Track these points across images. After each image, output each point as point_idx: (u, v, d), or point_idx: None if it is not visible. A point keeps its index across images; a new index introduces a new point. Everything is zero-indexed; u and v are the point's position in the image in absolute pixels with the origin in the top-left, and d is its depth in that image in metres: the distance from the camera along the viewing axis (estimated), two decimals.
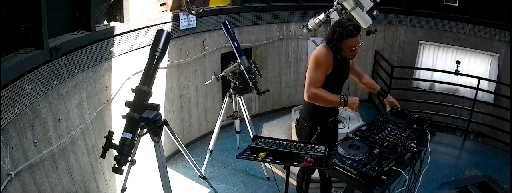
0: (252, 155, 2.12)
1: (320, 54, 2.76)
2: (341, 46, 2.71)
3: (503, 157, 5.01)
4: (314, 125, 3.01)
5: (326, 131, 3.05)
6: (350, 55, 2.79)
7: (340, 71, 2.88)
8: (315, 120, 3.00)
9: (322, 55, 2.75)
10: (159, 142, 2.79)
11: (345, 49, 2.72)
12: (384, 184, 2.21)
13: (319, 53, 2.77)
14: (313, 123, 3.01)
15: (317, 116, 2.98)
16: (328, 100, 2.80)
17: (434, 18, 5.82)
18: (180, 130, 4.97)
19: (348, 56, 2.80)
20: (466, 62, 5.70)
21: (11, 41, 2.38)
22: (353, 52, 2.76)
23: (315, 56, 2.78)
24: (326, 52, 2.76)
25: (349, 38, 2.66)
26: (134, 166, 2.88)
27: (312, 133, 3.02)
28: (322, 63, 2.75)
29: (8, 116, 2.16)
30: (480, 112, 5.37)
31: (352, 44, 2.69)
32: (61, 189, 2.71)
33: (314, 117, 3.00)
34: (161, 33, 2.78)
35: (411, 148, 2.52)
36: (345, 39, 2.67)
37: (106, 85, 3.51)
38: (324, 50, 2.78)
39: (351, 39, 2.67)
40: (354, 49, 2.73)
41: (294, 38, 6.05)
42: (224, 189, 4.33)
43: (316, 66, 2.77)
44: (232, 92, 4.23)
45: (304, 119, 3.08)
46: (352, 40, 2.68)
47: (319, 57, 2.76)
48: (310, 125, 3.03)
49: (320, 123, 3.00)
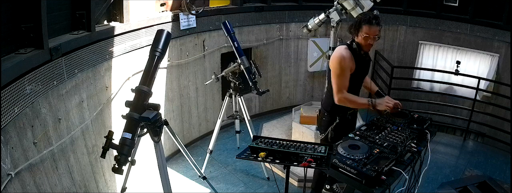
0: (252, 155, 2.12)
1: (343, 57, 2.90)
2: (357, 32, 2.87)
3: (503, 157, 5.01)
4: (334, 116, 3.18)
5: (344, 122, 3.21)
6: (365, 44, 2.91)
7: (362, 67, 3.05)
8: (335, 112, 3.16)
9: (344, 58, 2.90)
10: (159, 142, 2.79)
11: (360, 36, 2.87)
12: (384, 184, 2.21)
13: (341, 56, 2.90)
14: (332, 114, 3.19)
15: (337, 108, 3.12)
16: (358, 103, 3.01)
17: (434, 18, 5.82)
18: (180, 130, 4.97)
19: (364, 44, 2.92)
20: (466, 62, 5.70)
21: (11, 41, 2.38)
22: (366, 40, 2.88)
23: (338, 60, 2.91)
24: (347, 53, 2.91)
25: (366, 24, 2.82)
26: (134, 166, 2.88)
27: (331, 123, 3.20)
28: (346, 66, 2.91)
29: (8, 116, 2.16)
30: (480, 112, 5.37)
31: (367, 31, 2.84)
32: (61, 189, 2.71)
33: (334, 109, 3.15)
34: (161, 33, 2.78)
35: (411, 148, 2.52)
36: (363, 24, 2.83)
37: (106, 85, 3.51)
38: (344, 51, 2.92)
39: (368, 25, 2.82)
40: (368, 36, 2.85)
41: (294, 38, 6.05)
42: (224, 189, 4.33)
43: (342, 70, 2.91)
44: (232, 92, 4.23)
45: (325, 109, 3.25)
46: (368, 27, 2.83)
47: (342, 61, 2.90)
48: (330, 115, 3.21)
49: (339, 114, 3.16)
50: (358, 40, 2.92)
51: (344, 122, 3.21)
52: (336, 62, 2.91)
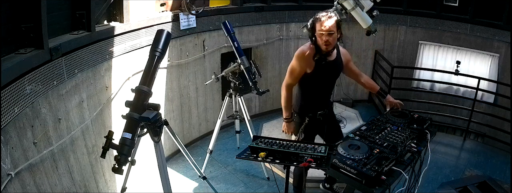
0: (252, 155, 2.12)
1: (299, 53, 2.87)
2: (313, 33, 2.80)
3: (503, 157, 5.00)
4: (303, 116, 3.08)
5: (315, 123, 3.09)
6: (323, 43, 2.76)
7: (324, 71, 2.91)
8: (304, 112, 3.08)
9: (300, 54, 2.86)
10: (159, 142, 2.79)
11: (318, 36, 2.78)
12: (384, 184, 2.21)
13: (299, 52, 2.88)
14: (302, 114, 3.10)
15: (305, 108, 3.07)
16: (284, 106, 3.08)
17: (434, 18, 5.81)
18: (180, 130, 4.97)
19: (320, 44, 2.78)
20: (466, 62, 5.70)
21: (11, 41, 2.38)
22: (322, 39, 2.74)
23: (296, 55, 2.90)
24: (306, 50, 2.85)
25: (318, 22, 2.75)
26: (134, 166, 2.88)
27: (300, 123, 3.08)
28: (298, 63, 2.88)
29: (8, 116, 2.16)
30: (480, 112, 5.37)
31: (319, 29, 2.74)
32: (61, 189, 2.71)
33: (302, 109, 3.09)
34: (161, 33, 2.78)
35: (411, 148, 2.52)
36: (316, 23, 2.77)
37: (106, 85, 3.51)
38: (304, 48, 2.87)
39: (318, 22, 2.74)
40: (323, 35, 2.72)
41: (294, 38, 6.05)
42: (224, 189, 4.33)
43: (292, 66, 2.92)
44: (232, 92, 4.23)
45: (294, 110, 3.17)
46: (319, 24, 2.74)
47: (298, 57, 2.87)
48: (299, 116, 3.13)
49: (308, 115, 3.06)
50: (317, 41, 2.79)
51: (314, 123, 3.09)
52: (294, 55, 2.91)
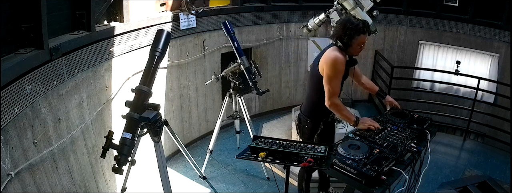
0: (252, 155, 2.12)
1: (340, 61, 2.78)
2: (352, 43, 2.78)
3: (503, 157, 5.00)
4: (317, 122, 3.06)
5: (329, 126, 3.11)
6: (358, 51, 2.87)
7: (347, 72, 2.97)
8: (318, 117, 3.05)
9: (341, 62, 2.79)
10: (159, 142, 2.79)
11: (355, 46, 2.80)
12: (384, 184, 2.21)
13: (338, 60, 2.78)
14: (316, 119, 3.06)
15: (320, 113, 3.03)
16: (345, 116, 2.87)
17: (434, 18, 5.81)
18: (180, 130, 4.97)
19: (356, 52, 2.87)
20: (466, 62, 5.70)
21: (11, 41, 2.38)
22: (361, 48, 2.85)
23: (335, 63, 2.77)
24: (342, 57, 2.81)
25: (361, 34, 2.76)
26: (134, 166, 2.88)
27: (315, 129, 3.07)
28: (342, 70, 2.82)
29: (8, 116, 2.16)
30: (480, 112, 5.37)
31: (362, 40, 2.79)
32: (61, 189, 2.71)
33: (317, 114, 3.05)
34: (161, 33, 2.78)
35: (411, 148, 2.52)
36: (357, 36, 2.76)
37: (106, 85, 3.51)
38: (340, 55, 2.80)
39: (362, 35, 2.77)
40: (363, 45, 2.83)
41: (294, 38, 6.05)
42: (224, 189, 4.33)
43: (337, 73, 2.80)
44: (232, 92, 4.23)
45: (306, 116, 3.11)
46: (363, 36, 2.78)
47: (339, 65, 2.79)
48: (313, 121, 3.08)
49: (322, 119, 3.05)
50: (351, 50, 2.82)
51: (329, 127, 3.11)
52: (332, 64, 2.76)
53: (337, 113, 2.91)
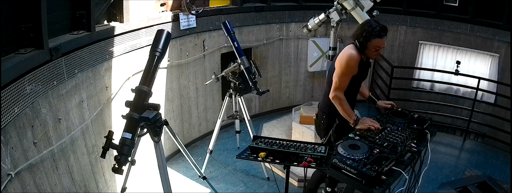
0: (252, 155, 2.12)
1: (353, 58, 2.85)
2: (367, 45, 2.83)
3: (503, 157, 5.00)
4: (333, 118, 3.10)
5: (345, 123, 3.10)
6: (374, 54, 2.93)
7: (363, 72, 3.01)
8: (334, 113, 3.09)
9: (354, 60, 2.85)
10: (159, 142, 2.79)
11: (371, 48, 2.85)
12: (384, 184, 2.21)
13: (352, 57, 2.85)
14: (331, 116, 3.11)
15: (335, 109, 3.06)
16: (346, 112, 2.94)
17: (434, 18, 5.81)
18: (180, 130, 4.97)
19: (371, 55, 2.93)
20: (466, 62, 5.69)
21: (11, 41, 2.38)
22: (377, 52, 2.89)
23: (348, 60, 2.86)
24: (357, 56, 2.86)
25: (376, 38, 2.79)
26: (134, 166, 2.88)
27: (330, 125, 3.12)
28: (353, 67, 2.87)
29: (8, 116, 2.16)
30: (480, 112, 5.36)
31: (377, 44, 2.83)
32: (61, 189, 2.71)
33: (332, 110, 3.08)
34: (161, 33, 2.78)
35: (411, 148, 2.51)
36: (373, 39, 2.80)
37: (106, 85, 3.51)
38: (355, 53, 2.86)
39: (378, 39, 2.80)
40: (379, 49, 2.86)
41: (294, 38, 6.05)
42: (224, 189, 4.33)
43: (348, 70, 2.87)
44: (232, 92, 4.23)
45: (323, 112, 3.19)
46: (379, 40, 2.81)
47: (351, 62, 2.85)
48: (328, 118, 3.14)
49: (338, 116, 3.08)
50: (367, 53, 2.89)
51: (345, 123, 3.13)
52: (345, 60, 2.85)
53: (338, 107, 2.96)
